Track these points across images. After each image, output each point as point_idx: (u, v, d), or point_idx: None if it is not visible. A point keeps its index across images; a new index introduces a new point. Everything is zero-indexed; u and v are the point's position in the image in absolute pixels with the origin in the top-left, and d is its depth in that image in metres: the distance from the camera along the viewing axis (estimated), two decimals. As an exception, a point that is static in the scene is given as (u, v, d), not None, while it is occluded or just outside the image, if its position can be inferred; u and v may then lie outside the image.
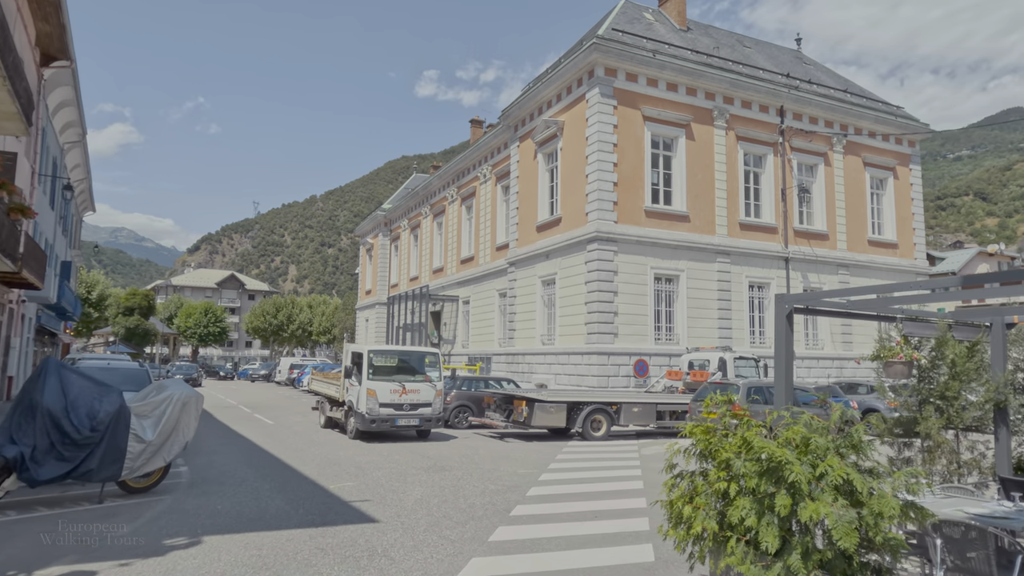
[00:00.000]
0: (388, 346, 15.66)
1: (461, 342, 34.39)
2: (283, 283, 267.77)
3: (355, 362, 15.21)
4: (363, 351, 14.90)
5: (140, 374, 12.07)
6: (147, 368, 12.47)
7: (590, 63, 23.05)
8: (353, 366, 15.16)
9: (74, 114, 28.89)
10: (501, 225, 31.13)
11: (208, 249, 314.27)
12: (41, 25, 21.01)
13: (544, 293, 25.48)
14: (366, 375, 14.62)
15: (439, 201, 38.99)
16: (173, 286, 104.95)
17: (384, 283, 47.53)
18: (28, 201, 22.09)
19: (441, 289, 36.91)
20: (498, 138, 31.41)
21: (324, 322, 73.17)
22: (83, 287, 58.57)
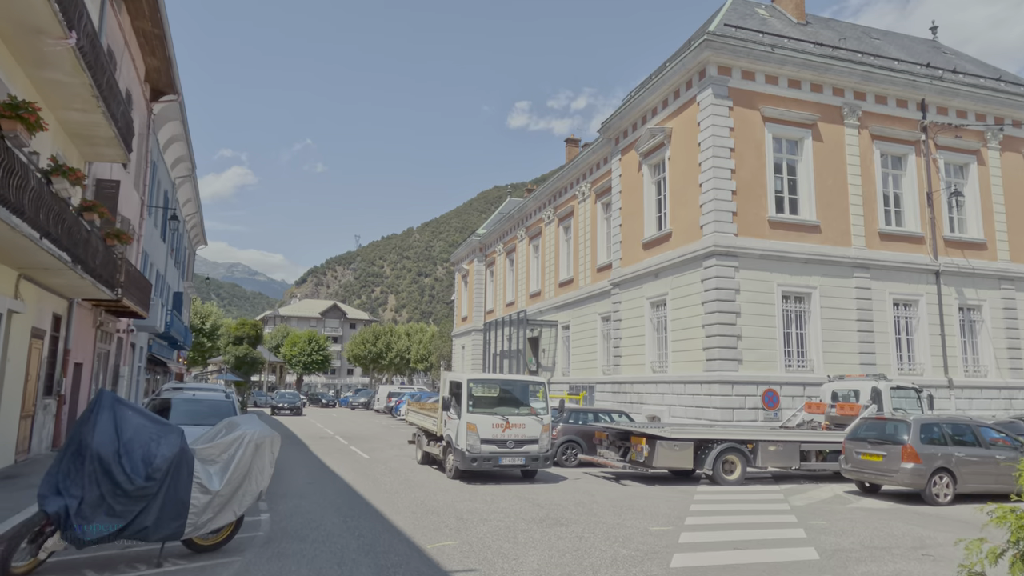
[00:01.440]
0: (489, 375, 14.14)
1: (561, 369, 32.56)
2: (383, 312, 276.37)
3: (453, 392, 13.75)
4: (462, 380, 13.42)
5: (225, 406, 11.12)
6: (233, 400, 11.54)
7: (701, 62, 21.03)
8: (451, 397, 13.70)
9: (183, 149, 29.78)
10: (602, 244, 29.27)
11: (314, 281, 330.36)
12: (149, 60, 21.44)
13: (653, 316, 23.30)
14: (465, 407, 13.11)
15: (535, 223, 37.65)
16: (280, 316, 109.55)
17: (480, 309, 46.58)
18: (137, 231, 22.49)
19: (539, 314, 35.34)
20: (597, 153, 29.73)
21: (421, 350, 73.40)
22: (197, 317, 61.51)
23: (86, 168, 15.14)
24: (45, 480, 5.90)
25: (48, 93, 11.64)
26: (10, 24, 9.27)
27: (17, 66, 10.54)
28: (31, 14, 9.07)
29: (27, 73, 10.87)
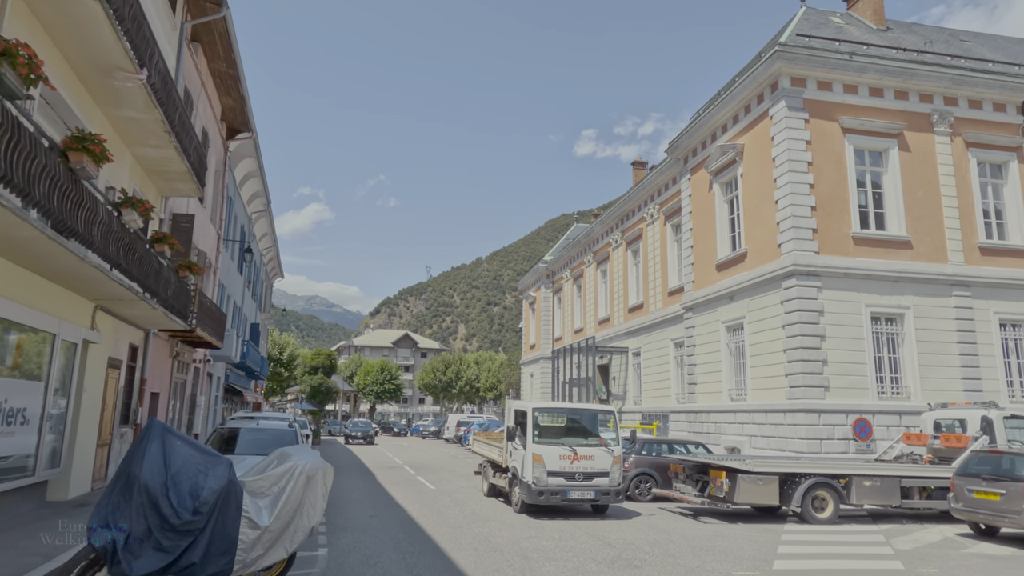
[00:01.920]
0: (556, 403, 13.57)
1: (632, 398, 31.46)
2: (453, 341, 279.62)
3: (518, 422, 13.23)
4: (527, 409, 12.89)
5: (287, 436, 10.99)
6: (295, 429, 11.41)
7: (773, 74, 20.11)
8: (516, 427, 13.17)
9: (259, 185, 30.91)
10: (673, 267, 28.29)
11: (387, 312, 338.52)
12: (224, 99, 22.35)
13: (730, 340, 22.13)
14: (531, 437, 12.55)
15: (602, 248, 36.97)
16: (354, 346, 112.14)
17: (548, 337, 45.98)
18: (214, 264, 23.26)
19: (608, 340, 34.43)
20: (665, 174, 28.95)
21: (490, 378, 73.22)
22: (275, 348, 63.52)
23: (162, 203, 15.70)
24: (95, 512, 5.75)
25: (124, 130, 12.08)
26: (86, 62, 9.62)
27: (95, 105, 10.96)
28: (105, 52, 9.38)
29: (104, 112, 11.30)
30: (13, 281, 8.41)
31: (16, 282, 8.48)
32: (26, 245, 7.53)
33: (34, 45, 8.55)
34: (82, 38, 9.00)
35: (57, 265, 8.56)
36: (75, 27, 8.74)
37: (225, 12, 17.03)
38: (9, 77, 5.60)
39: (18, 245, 7.52)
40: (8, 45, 5.56)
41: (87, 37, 8.97)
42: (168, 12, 15.16)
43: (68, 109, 10.00)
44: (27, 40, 8.37)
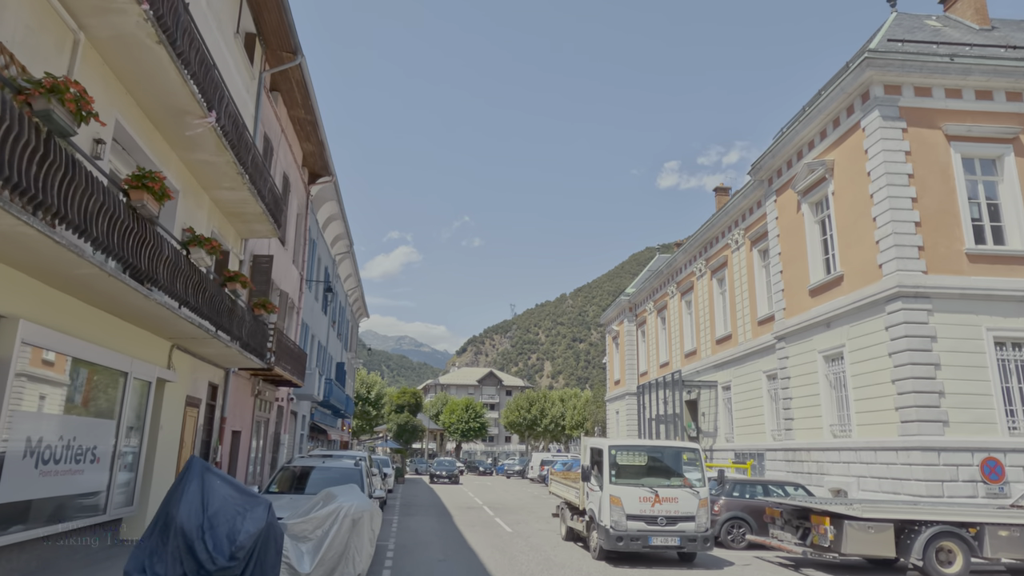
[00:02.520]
0: (634, 440, 12.62)
1: (724, 435, 29.60)
2: (539, 379, 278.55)
3: (594, 461, 12.39)
4: (603, 447, 12.06)
5: (352, 475, 10.67)
6: (362, 468, 11.09)
7: (863, 83, 18.74)
8: (592, 466, 12.34)
9: (341, 227, 31.80)
10: (761, 295, 26.66)
11: (473, 350, 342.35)
12: (305, 145, 23.16)
13: (829, 372, 20.35)
14: (608, 478, 11.68)
15: (686, 278, 35.56)
16: (440, 385, 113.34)
17: (633, 372, 44.48)
18: (296, 304, 23.86)
19: (695, 374, 32.77)
20: (748, 198, 27.57)
21: (576, 416, 71.71)
22: (363, 387, 64.90)
23: (242, 244, 16.16)
24: (132, 556, 5.51)
25: (200, 174, 12.48)
26: (158, 107, 9.96)
27: (171, 150, 11.36)
28: (173, 97, 9.67)
29: (180, 156, 11.70)
30: (85, 320, 8.58)
31: (88, 321, 8.66)
32: (89, 283, 7.64)
33: (107, 92, 8.89)
34: (152, 83, 9.30)
35: (125, 303, 8.69)
36: (144, 73, 9.03)
37: (300, 60, 17.65)
38: (58, 114, 5.64)
39: (82, 283, 7.64)
40: (57, 82, 5.61)
41: (156, 82, 9.27)
42: (246, 63, 15.83)
43: (143, 153, 10.36)
44: (100, 87, 8.71)
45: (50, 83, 5.52)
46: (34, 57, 7.23)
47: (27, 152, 5.57)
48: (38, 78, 5.70)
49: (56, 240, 6.20)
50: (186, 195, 12.28)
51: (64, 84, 5.65)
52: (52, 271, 7.12)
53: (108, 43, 8.38)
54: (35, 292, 7.44)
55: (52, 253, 6.54)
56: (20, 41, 7.01)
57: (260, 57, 17.29)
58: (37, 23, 7.28)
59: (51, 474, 7.71)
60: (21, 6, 7.00)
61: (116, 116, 9.22)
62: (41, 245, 6.27)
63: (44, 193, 5.86)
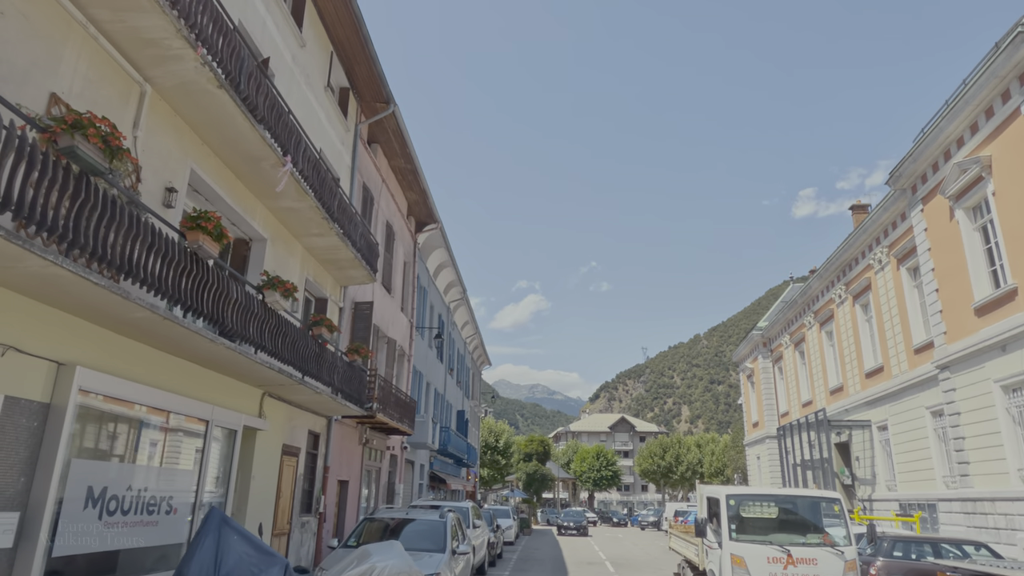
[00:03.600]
0: (758, 489, 10.81)
1: (884, 482, 25.81)
2: (676, 424, 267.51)
3: (712, 512, 10.74)
4: (719, 496, 10.41)
5: (436, 529, 9.84)
6: (446, 521, 10.24)
7: (1019, 63, 16.03)
8: (710, 518, 10.69)
9: (452, 275, 32.03)
10: (915, 319, 23.30)
11: (606, 396, 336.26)
12: (408, 194, 23.53)
13: (1010, 404, 17.02)
14: (727, 533, 10.00)
15: (824, 306, 32.20)
16: (571, 432, 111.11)
17: (772, 412, 40.73)
18: (407, 352, 23.92)
19: (843, 413, 29.17)
20: (890, 211, 24.53)
21: (715, 462, 67.00)
22: (491, 436, 64.70)
23: (341, 292, 16.28)
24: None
25: (287, 221, 12.62)
26: (234, 155, 10.08)
27: (255, 199, 11.53)
28: (246, 143, 9.73)
29: (266, 205, 11.87)
30: (157, 367, 8.55)
31: (161, 368, 8.62)
32: (148, 327, 7.53)
33: (179, 142, 9.03)
34: (222, 131, 9.40)
35: (194, 348, 8.58)
36: (213, 120, 9.13)
37: (392, 108, 17.93)
38: (84, 150, 5.50)
39: (141, 327, 7.55)
40: (80, 118, 5.49)
41: (226, 129, 9.35)
42: (339, 116, 16.22)
43: (224, 203, 10.51)
44: (172, 137, 8.87)
45: (72, 119, 5.39)
46: (95, 109, 7.39)
47: (53, 190, 5.45)
48: (61, 115, 5.62)
49: (94, 282, 6.04)
50: (275, 243, 12.43)
51: (88, 120, 5.52)
52: (106, 315, 7.05)
53: (173, 92, 8.52)
54: (96, 338, 7.42)
55: (96, 296, 6.42)
56: (78, 93, 7.17)
57: (355, 110, 17.75)
58: (96, 75, 7.46)
59: (118, 525, 7.53)
60: (80, 59, 7.19)
61: (191, 165, 9.37)
62: (80, 288, 6.15)
63: (75, 232, 5.72)
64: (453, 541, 9.96)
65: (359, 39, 15.49)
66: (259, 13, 11.79)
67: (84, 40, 7.25)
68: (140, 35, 7.52)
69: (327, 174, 12.73)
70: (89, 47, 7.34)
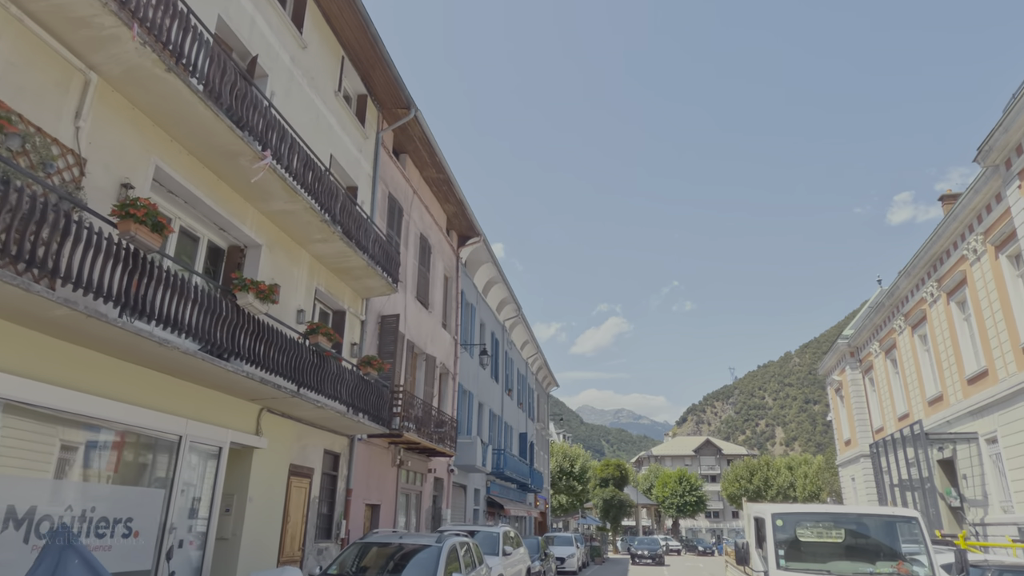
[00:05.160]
0: (813, 507, 8.95)
1: (999, 503, 22.48)
2: (771, 447, 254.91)
3: (760, 536, 9.02)
4: (765, 516, 8.70)
5: (429, 555, 8.63)
6: (443, 547, 9.02)
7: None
8: (759, 544, 8.98)
9: (504, 291, 31.02)
10: (1020, 312, 20.28)
11: (694, 420, 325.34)
12: (446, 206, 22.78)
13: None
14: (773, 561, 8.28)
15: (915, 307, 29.00)
16: (654, 456, 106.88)
17: (864, 428, 37.10)
18: (451, 370, 22.99)
19: (945, 425, 25.89)
20: (982, 193, 21.69)
21: (808, 485, 62.19)
22: (566, 461, 62.70)
23: (362, 304, 15.53)
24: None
25: (286, 227, 11.96)
26: (205, 150, 9.45)
27: (244, 202, 10.92)
28: (215, 136, 9.09)
29: (257, 208, 11.24)
30: (111, 376, 7.87)
31: (116, 378, 7.94)
32: (77, 327, 6.82)
33: (141, 136, 8.47)
34: (185, 123, 8.79)
35: (147, 355, 7.86)
36: (173, 112, 8.52)
37: (415, 113, 17.28)
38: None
39: (72, 329, 6.85)
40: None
41: (189, 121, 8.73)
42: (354, 122, 15.66)
43: (205, 205, 9.92)
44: (130, 131, 8.32)
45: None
46: (21, 96, 6.87)
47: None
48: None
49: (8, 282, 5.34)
50: (273, 249, 11.77)
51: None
52: (21, 313, 6.38)
53: (123, 80, 7.95)
54: (24, 341, 6.78)
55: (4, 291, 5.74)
56: (-1, 76, 6.66)
57: (376, 117, 17.21)
58: (22, 59, 6.94)
59: (51, 549, 6.77)
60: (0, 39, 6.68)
61: (155, 161, 8.78)
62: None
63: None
64: (455, 570, 8.74)
65: (368, 40, 14.91)
66: (246, 11, 11.32)
67: (5, 20, 6.76)
68: (66, 13, 6.97)
69: (327, 175, 12.04)
70: (12, 27, 6.84)
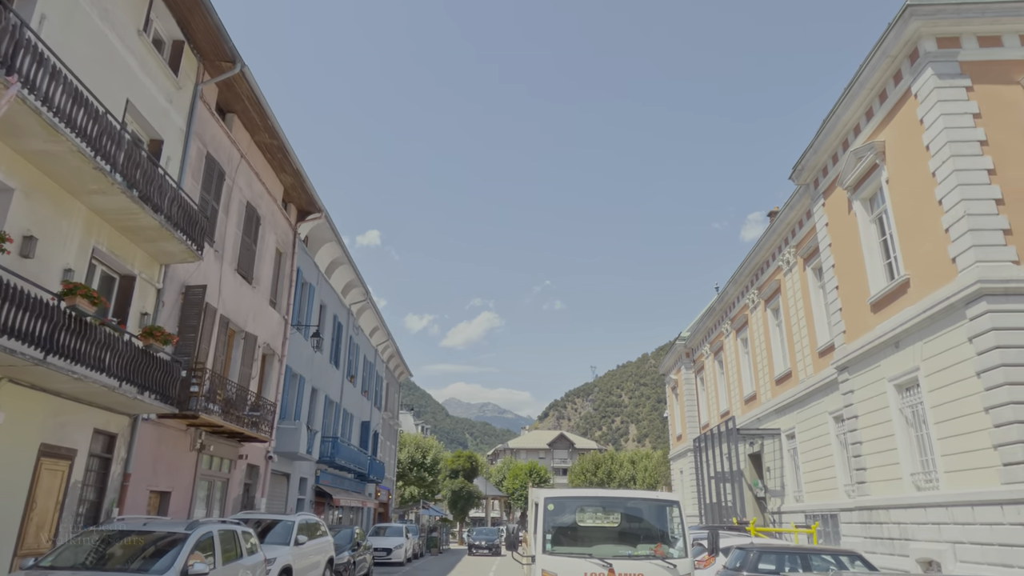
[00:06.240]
0: (583, 491, 9.02)
1: (793, 493, 24.67)
2: (625, 443, 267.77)
3: (535, 520, 8.95)
4: (539, 500, 8.65)
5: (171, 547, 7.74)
6: (191, 535, 8.16)
7: (909, 40, 15.15)
8: (528, 526, 8.92)
9: (351, 274, 29.84)
10: (820, 320, 22.32)
11: (555, 415, 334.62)
12: (282, 176, 21.33)
13: (903, 404, 15.93)
14: (540, 544, 8.23)
15: (739, 312, 31.26)
16: (510, 449, 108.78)
17: (694, 424, 39.66)
18: (279, 352, 21.66)
19: (755, 422, 28.10)
20: (796, 209, 23.66)
21: (647, 478, 65.78)
22: (418, 452, 62.03)
23: (160, 271, 14.06)
24: None
25: (53, 172, 10.43)
26: (-74, 70, 7.94)
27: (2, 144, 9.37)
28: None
29: (11, 146, 9.69)
30: None
31: None
32: None
33: None
34: None
35: None
36: None
37: (240, 68, 15.94)
38: None
39: None
40: None
41: None
42: (163, 69, 14.11)
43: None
44: None
45: None
46: None
47: None
48: None
49: None
50: (32, 196, 10.21)
51: None
52: None
53: None
54: None
55: None
56: None
57: (196, 69, 15.68)
58: None
59: None
60: None
61: None
62: None
63: None
64: (195, 561, 7.93)
65: (179, -23, 13.48)
66: (10, -85, 9.70)
67: None
68: None
69: (107, 118, 10.64)
70: None
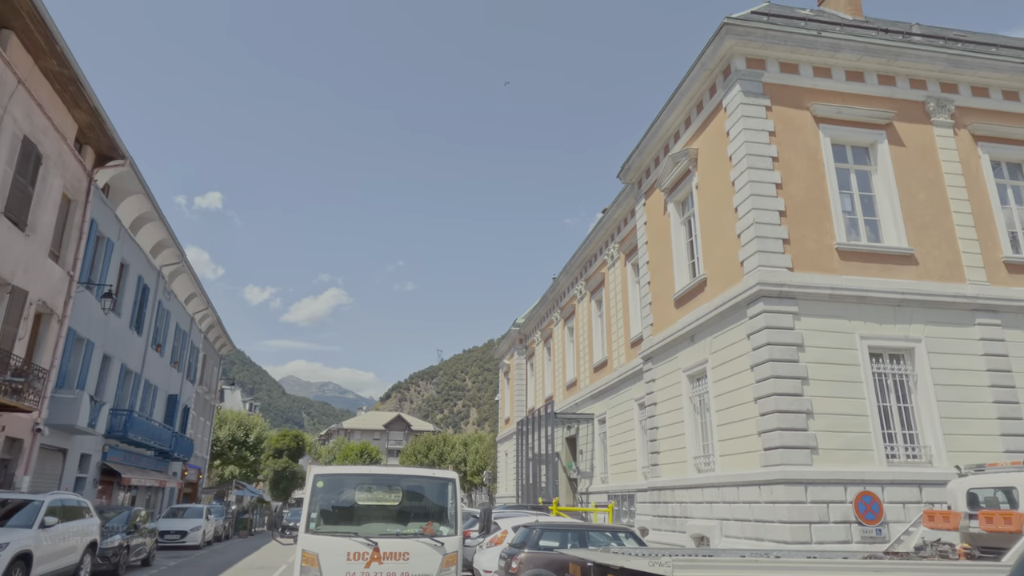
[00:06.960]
0: (357, 468, 8.68)
1: (600, 475, 26.13)
2: (465, 426, 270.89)
3: (307, 498, 8.46)
4: (309, 478, 8.18)
5: None
6: None
7: (724, 56, 16.28)
8: (301, 505, 8.41)
9: (162, 232, 27.12)
10: (635, 313, 23.72)
11: (398, 397, 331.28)
12: (76, 113, 18.76)
13: (693, 393, 17.28)
14: (305, 524, 7.77)
15: (568, 302, 32.51)
16: (344, 429, 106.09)
17: (521, 408, 40.84)
18: (60, 312, 19.11)
19: (574, 407, 29.40)
20: (622, 207, 24.89)
21: (478, 460, 67.01)
22: (240, 429, 58.43)
23: None
24: None
25: None
26: None
27: None
28: None
29: None
30: None
31: None
32: None
33: None
34: None
35: None
36: None
37: (15, -22, 13.59)
38: None
39: None
40: None
41: None
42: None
43: None
44: None
45: None
46: None
47: None
48: None
49: None
50: None
51: None
52: None
53: None
54: None
55: None
56: None
57: (-45, -31, 13.17)
58: None
59: None
60: None
61: None
62: None
63: None
64: None
65: None
66: None
67: None
68: None
69: None
70: None
